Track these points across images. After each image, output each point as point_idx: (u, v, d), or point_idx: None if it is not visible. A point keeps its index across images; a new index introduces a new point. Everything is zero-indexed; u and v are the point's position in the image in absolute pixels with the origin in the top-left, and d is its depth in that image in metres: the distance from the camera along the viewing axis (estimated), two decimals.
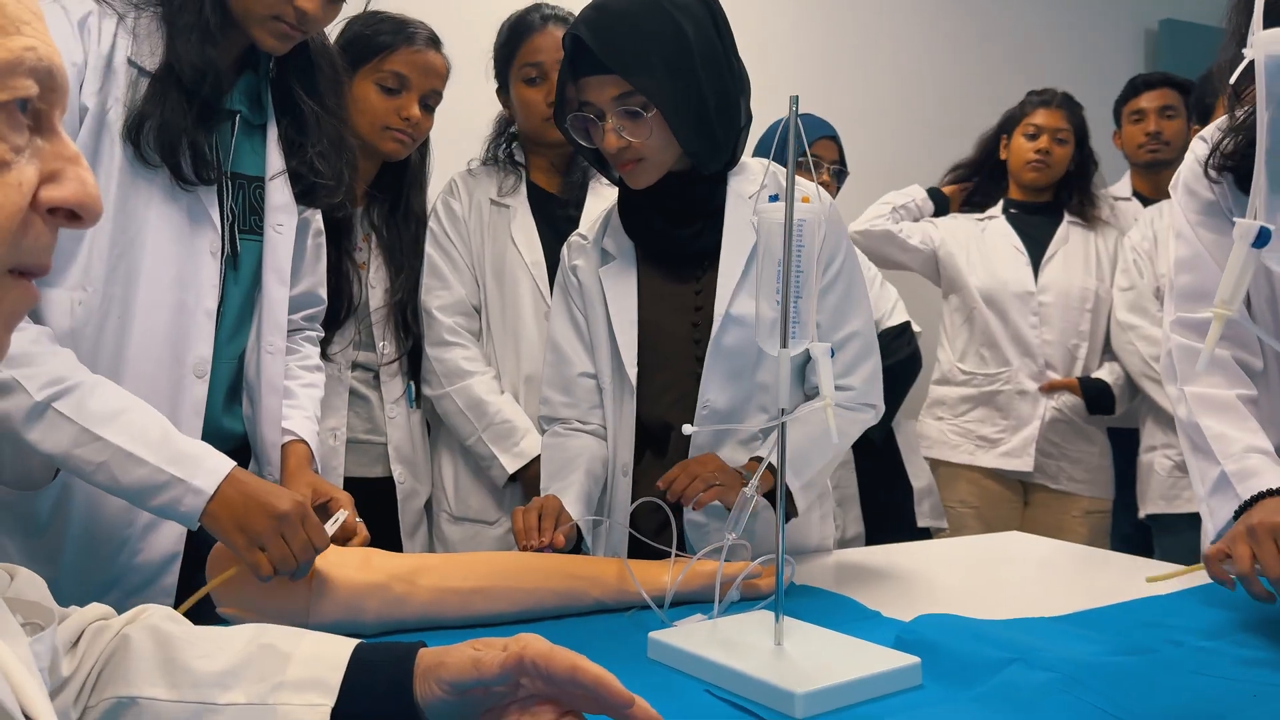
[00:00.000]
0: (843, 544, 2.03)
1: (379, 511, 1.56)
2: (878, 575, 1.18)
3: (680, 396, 1.21)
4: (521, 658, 0.53)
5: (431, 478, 1.69)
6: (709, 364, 1.18)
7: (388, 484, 1.59)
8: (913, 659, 0.74)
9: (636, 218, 1.23)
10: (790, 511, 1.12)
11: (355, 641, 0.59)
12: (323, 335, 1.36)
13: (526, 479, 1.56)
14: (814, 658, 0.74)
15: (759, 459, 1.11)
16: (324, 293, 1.32)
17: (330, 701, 0.54)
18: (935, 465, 2.27)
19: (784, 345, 0.80)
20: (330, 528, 0.99)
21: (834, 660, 0.74)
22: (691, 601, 0.98)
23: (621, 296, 1.23)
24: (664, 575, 0.98)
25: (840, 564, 1.25)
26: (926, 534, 2.18)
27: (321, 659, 0.57)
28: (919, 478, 2.20)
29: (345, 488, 1.46)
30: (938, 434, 2.27)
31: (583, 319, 1.28)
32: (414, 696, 0.55)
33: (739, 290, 1.18)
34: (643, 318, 1.23)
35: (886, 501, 2.13)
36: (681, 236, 1.21)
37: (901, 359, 2.06)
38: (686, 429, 0.84)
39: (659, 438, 1.24)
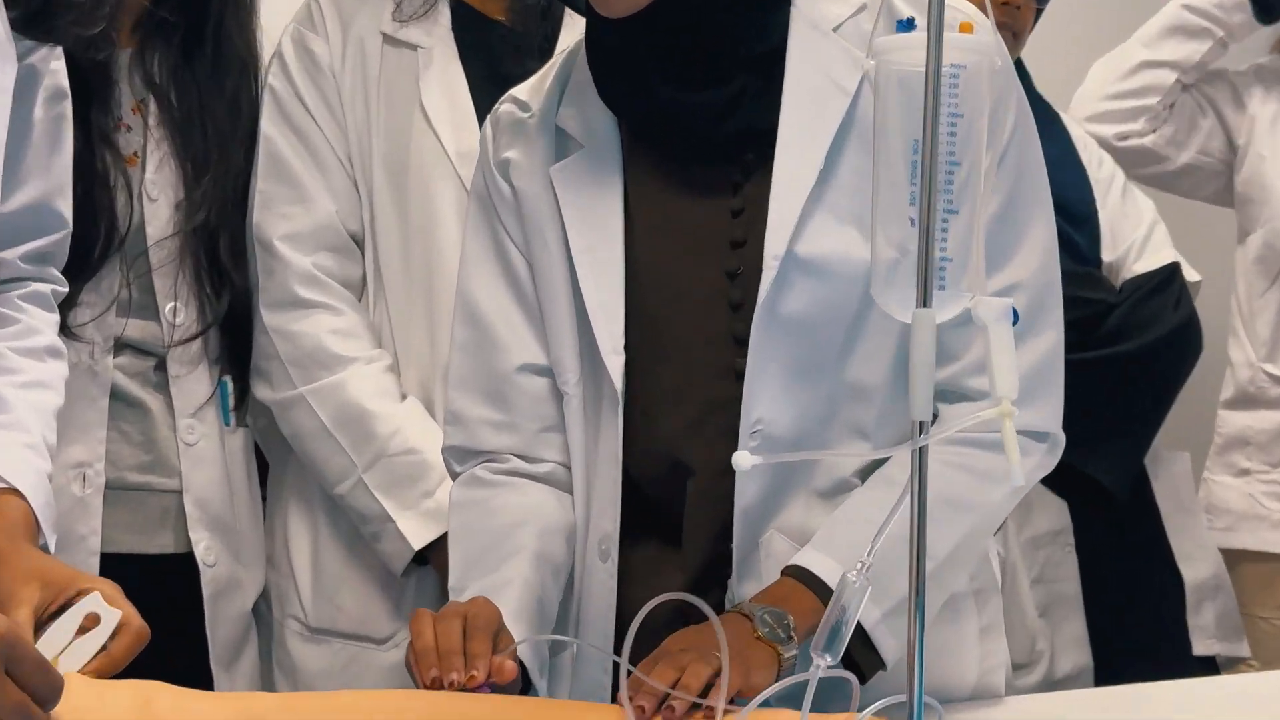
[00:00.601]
0: (1048, 685, 2.06)
1: (170, 617, 1.47)
2: None
3: (705, 409, 1.23)
4: None
5: (267, 556, 1.72)
6: (757, 348, 1.20)
7: (183, 565, 1.62)
8: None
9: (620, 72, 1.26)
10: (869, 664, 1.14)
11: None
12: (64, 291, 1.38)
13: (444, 561, 1.59)
14: None
15: (803, 576, 1.14)
16: (67, 209, 1.34)
17: None
18: (1231, 551, 2.30)
19: (925, 302, 0.82)
20: (72, 651, 1.02)
21: None
22: None
23: (593, 221, 1.25)
24: None
25: (1032, 713, 1.29)
26: (1212, 665, 2.21)
27: None
28: (1197, 565, 2.22)
29: (106, 572, 1.47)
30: (1237, 498, 2.31)
31: (522, 263, 1.31)
32: None
33: (814, 208, 1.20)
34: (635, 262, 1.25)
35: (1133, 608, 2.15)
36: (703, 107, 1.23)
37: (1162, 334, 2.09)
38: (740, 458, 0.87)
39: (665, 489, 1.26)
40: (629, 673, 1.04)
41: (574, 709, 1.02)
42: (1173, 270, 2.14)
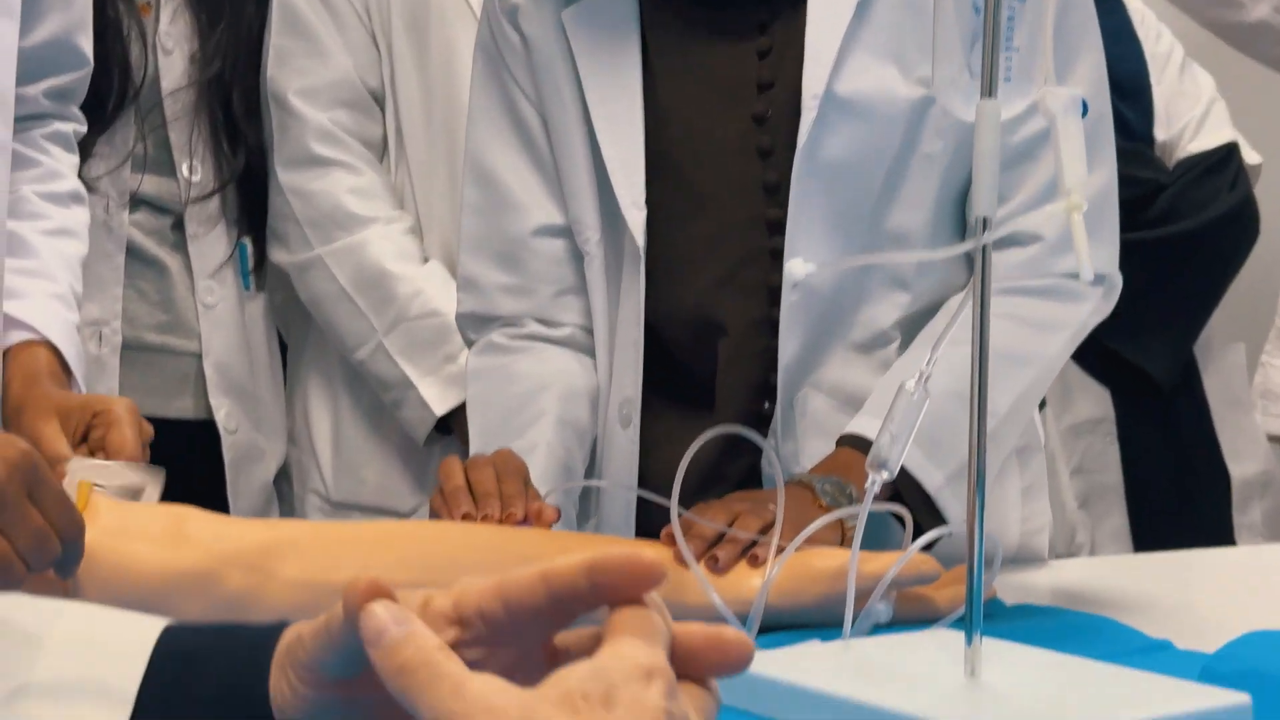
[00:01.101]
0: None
1: (191, 486, 1.56)
2: (1154, 593, 1.21)
3: (736, 264, 1.22)
4: (458, 609, 0.56)
5: (289, 425, 1.71)
6: (797, 196, 1.18)
7: (204, 432, 1.62)
8: (1237, 696, 0.76)
9: None
10: (922, 519, 1.11)
11: (161, 621, 0.60)
12: (83, 130, 1.38)
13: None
14: (1038, 693, 0.77)
15: (860, 445, 1.12)
16: (88, 46, 1.33)
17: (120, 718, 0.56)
18: None
19: (991, 93, 0.79)
20: (94, 476, 1.01)
21: (1077, 697, 0.77)
22: (790, 627, 1.00)
23: (609, 67, 1.23)
24: (740, 577, 1.01)
25: (1074, 578, 1.29)
26: None
27: (99, 646, 0.59)
28: (1245, 462, 2.21)
29: None
30: None
31: (534, 116, 1.29)
32: (273, 714, 0.57)
33: (852, 44, 1.18)
34: (656, 109, 1.23)
35: (1177, 502, 2.14)
36: None
37: (1216, 216, 2.05)
38: (794, 266, 0.84)
39: (693, 350, 1.25)
40: (679, 514, 1.02)
41: (620, 543, 1.00)
42: (1230, 150, 2.10)
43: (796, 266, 0.86)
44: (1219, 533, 2.17)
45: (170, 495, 1.09)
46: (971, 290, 0.82)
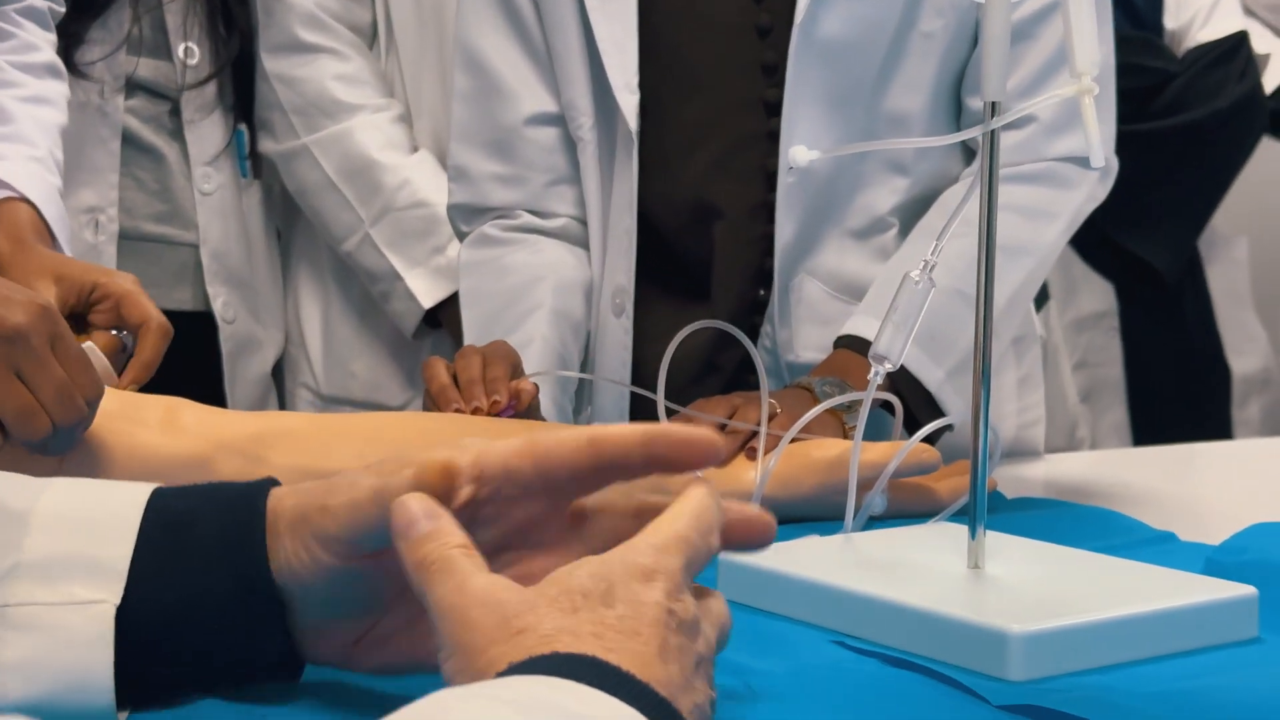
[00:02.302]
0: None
1: (188, 376, 1.56)
2: (1152, 487, 1.21)
3: (732, 146, 1.21)
4: (480, 465, 0.57)
5: (285, 316, 1.72)
6: (793, 76, 1.17)
7: (202, 323, 1.61)
8: (1243, 589, 0.76)
9: None
10: (922, 416, 1.12)
11: (149, 487, 0.61)
12: (61, 11, 1.36)
13: (458, 321, 1.58)
14: (1043, 585, 0.77)
15: (858, 346, 1.12)
16: None
17: (113, 597, 0.57)
18: None
19: None
20: (105, 346, 1.01)
21: (1082, 590, 0.77)
22: (786, 518, 1.00)
23: None
24: (738, 469, 1.01)
25: (1073, 471, 1.30)
26: None
27: (87, 520, 0.59)
28: (1246, 357, 2.21)
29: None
30: None
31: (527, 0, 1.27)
32: (271, 573, 0.58)
33: None
34: None
35: (1177, 395, 2.15)
36: None
37: (1223, 107, 2.03)
38: (798, 153, 0.83)
39: (688, 235, 1.24)
40: (674, 408, 1.04)
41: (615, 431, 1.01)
42: (1240, 39, 2.07)
43: (800, 153, 0.85)
44: (1218, 429, 2.19)
45: (167, 387, 1.08)
46: (975, 178, 0.80)
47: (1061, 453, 1.40)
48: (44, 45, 1.30)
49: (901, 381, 1.11)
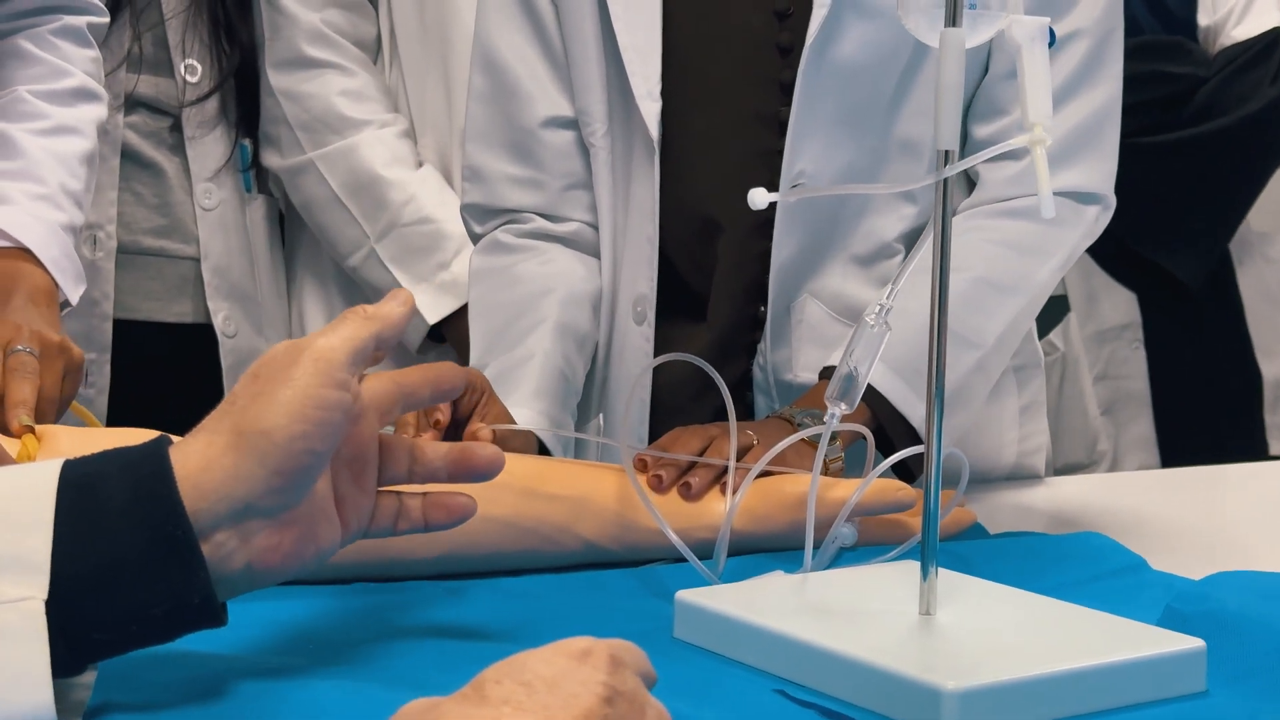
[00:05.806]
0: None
1: (189, 390, 1.59)
2: (1163, 511, 1.22)
3: (743, 161, 1.23)
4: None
5: (289, 330, 1.74)
6: (802, 95, 1.19)
7: (203, 336, 1.64)
8: (1192, 641, 0.76)
9: None
10: (917, 462, 1.12)
11: (58, 463, 0.63)
12: (103, 22, 1.37)
13: (462, 336, 1.60)
14: (991, 636, 0.78)
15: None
16: None
17: (40, 592, 0.58)
18: None
19: (954, 21, 0.79)
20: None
21: (1030, 639, 0.77)
22: (759, 550, 1.02)
23: None
24: (711, 502, 1.03)
25: (1075, 493, 1.30)
26: None
27: (1, 513, 0.60)
28: (1278, 356, 2.21)
29: (121, 339, 1.52)
30: None
31: (547, 3, 1.28)
32: (189, 522, 0.62)
33: None
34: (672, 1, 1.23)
35: (1205, 404, 2.14)
36: None
37: (1255, 111, 2.03)
38: (756, 195, 0.85)
39: (694, 251, 1.26)
40: (634, 451, 1.04)
41: (592, 474, 1.02)
42: (1275, 38, 2.05)
43: (760, 195, 0.86)
44: (1250, 435, 2.17)
45: (168, 400, 1.09)
46: (932, 220, 0.81)
47: (1065, 475, 1.39)
48: (76, 68, 1.30)
49: (885, 416, 1.13)
